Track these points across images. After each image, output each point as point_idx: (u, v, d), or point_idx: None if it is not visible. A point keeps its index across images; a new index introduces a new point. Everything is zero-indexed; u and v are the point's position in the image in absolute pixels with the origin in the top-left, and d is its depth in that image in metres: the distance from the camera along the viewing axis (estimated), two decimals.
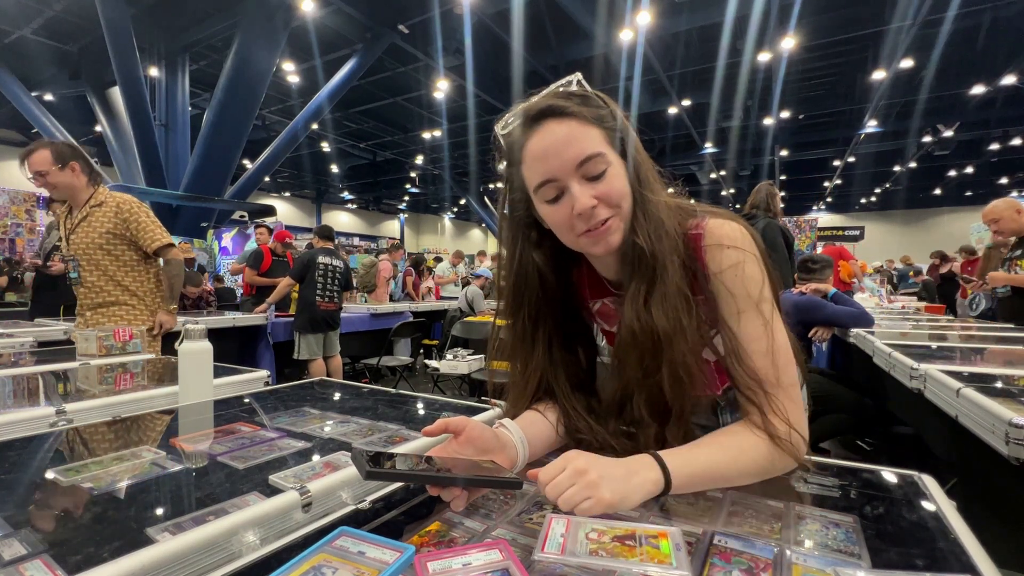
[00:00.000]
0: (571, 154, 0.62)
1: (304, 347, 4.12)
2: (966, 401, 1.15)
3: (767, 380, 0.64)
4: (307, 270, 4.15)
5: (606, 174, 0.64)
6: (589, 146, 0.63)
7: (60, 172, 2.12)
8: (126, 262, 2.22)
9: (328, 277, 4.20)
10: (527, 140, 0.65)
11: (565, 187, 0.64)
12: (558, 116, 0.64)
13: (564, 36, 8.21)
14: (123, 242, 2.20)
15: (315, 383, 1.34)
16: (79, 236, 2.17)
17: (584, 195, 0.63)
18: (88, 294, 2.19)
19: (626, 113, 0.70)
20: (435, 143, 13.55)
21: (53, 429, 0.94)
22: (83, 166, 2.19)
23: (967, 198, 19.74)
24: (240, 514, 0.55)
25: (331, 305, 4.22)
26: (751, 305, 0.66)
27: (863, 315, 2.67)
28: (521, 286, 0.74)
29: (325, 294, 4.17)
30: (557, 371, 0.76)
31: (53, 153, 2.10)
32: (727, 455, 0.62)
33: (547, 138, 0.63)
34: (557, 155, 0.63)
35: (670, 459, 0.59)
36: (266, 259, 5.15)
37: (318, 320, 4.14)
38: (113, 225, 2.17)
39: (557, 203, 0.65)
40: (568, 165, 0.63)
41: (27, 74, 9.01)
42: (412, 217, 25.30)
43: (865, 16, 7.38)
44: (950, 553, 0.49)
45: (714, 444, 0.63)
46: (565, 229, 0.66)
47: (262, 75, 7.16)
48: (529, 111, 0.65)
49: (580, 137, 0.63)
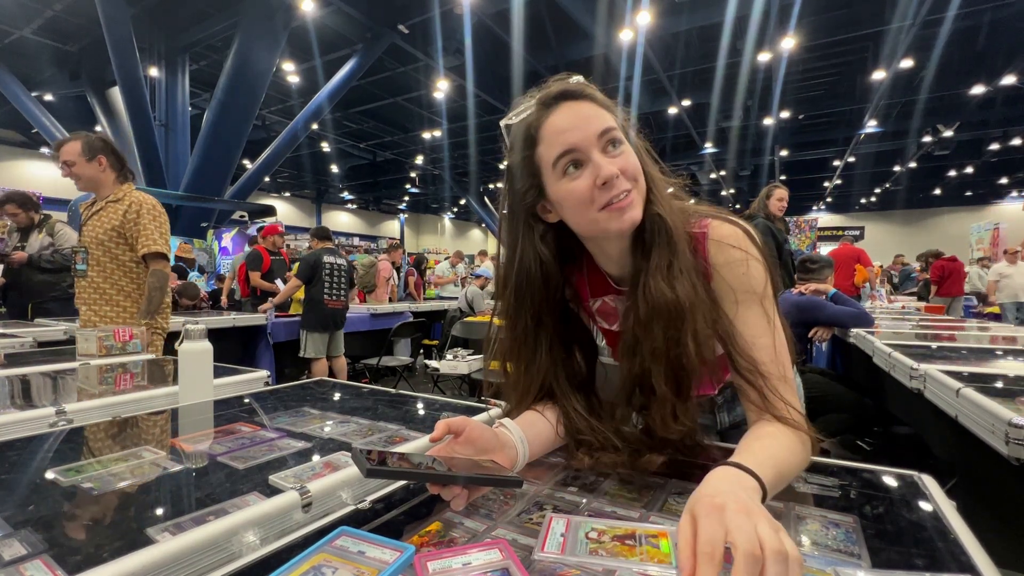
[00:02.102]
0: (593, 127, 0.64)
1: (310, 345, 4.20)
2: (966, 401, 1.15)
3: (774, 374, 0.65)
4: (315, 270, 4.24)
5: (624, 149, 0.66)
6: (607, 121, 0.65)
7: (87, 164, 2.13)
8: (124, 263, 2.20)
9: (334, 276, 4.29)
10: (546, 119, 0.66)
11: (587, 159, 0.65)
12: (576, 98, 0.66)
13: (564, 36, 8.22)
14: (125, 242, 2.19)
15: (315, 383, 1.34)
16: (90, 228, 2.17)
17: (608, 163, 0.64)
18: (87, 288, 2.18)
19: (626, 110, 0.71)
20: (435, 143, 13.56)
21: (53, 429, 0.94)
22: (112, 161, 2.19)
23: (967, 198, 19.75)
24: (240, 514, 0.55)
25: (338, 303, 4.30)
26: (755, 300, 0.67)
27: (863, 315, 2.67)
28: (523, 284, 0.73)
29: (332, 292, 4.26)
30: (558, 371, 0.75)
31: (83, 145, 2.12)
32: (784, 452, 0.59)
33: (569, 113, 0.66)
34: (579, 127, 0.64)
35: (751, 464, 0.53)
36: (265, 260, 5.17)
37: (326, 318, 4.23)
38: (119, 223, 2.16)
39: (577, 177, 0.65)
40: (591, 136, 0.64)
41: (27, 74, 9.02)
42: (412, 217, 25.31)
43: (865, 16, 7.39)
44: (950, 553, 0.49)
45: (768, 443, 0.60)
46: (584, 203, 0.65)
47: (262, 75, 7.17)
48: (547, 95, 0.67)
49: (598, 114, 0.66)
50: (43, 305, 3.52)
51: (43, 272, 3.53)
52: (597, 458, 0.70)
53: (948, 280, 6.89)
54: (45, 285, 3.56)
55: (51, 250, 3.59)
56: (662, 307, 0.65)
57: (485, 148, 13.56)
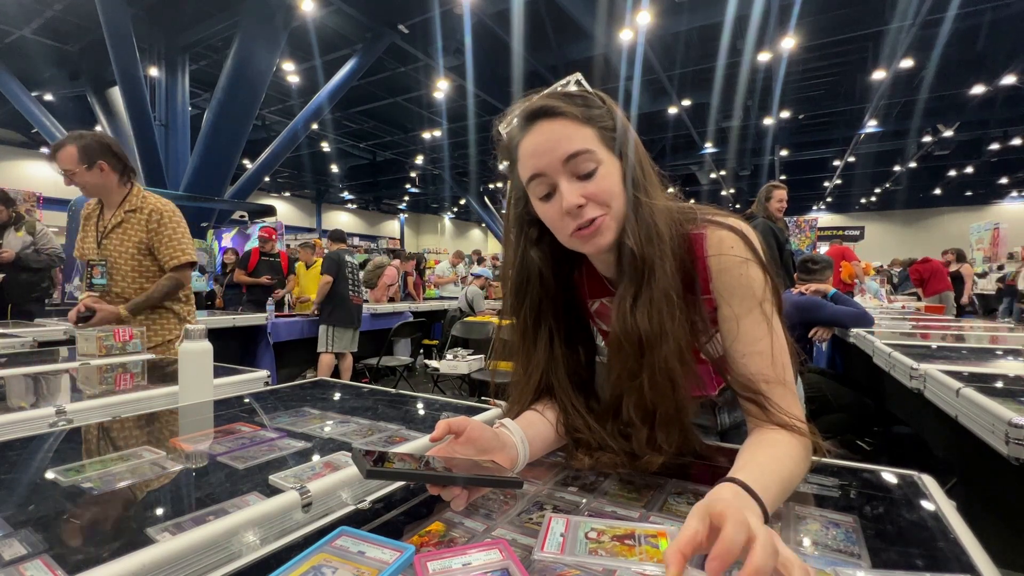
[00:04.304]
0: (560, 151, 0.63)
1: (338, 340, 4.40)
2: (966, 401, 1.15)
3: (772, 379, 0.64)
4: (340, 267, 4.45)
5: (596, 173, 0.64)
6: (578, 144, 0.63)
7: (88, 172, 2.00)
8: (155, 274, 2.14)
9: (354, 274, 4.56)
10: (522, 139, 0.66)
11: (555, 184, 0.65)
12: (550, 116, 0.65)
13: (564, 36, 8.21)
14: (150, 254, 2.11)
15: (315, 383, 1.34)
16: (112, 242, 2.08)
17: (572, 193, 0.63)
18: (113, 302, 2.07)
19: (627, 114, 0.70)
20: (435, 143, 13.56)
21: (53, 429, 0.94)
22: (113, 164, 2.06)
23: (967, 198, 19.75)
24: (240, 514, 0.55)
25: (358, 299, 4.57)
26: (754, 304, 0.66)
27: (863, 315, 2.67)
28: (523, 283, 0.75)
29: (355, 289, 4.51)
30: (558, 367, 0.76)
31: (80, 151, 1.98)
32: (787, 463, 0.58)
33: (539, 136, 0.65)
34: (546, 152, 0.64)
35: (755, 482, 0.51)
36: (252, 259, 5.57)
37: (352, 314, 4.47)
38: (145, 236, 2.08)
39: (549, 201, 0.66)
40: (556, 162, 0.64)
41: (27, 74, 9.01)
42: (412, 217, 25.31)
43: (865, 16, 7.38)
44: (950, 553, 0.49)
45: (771, 453, 0.59)
46: (557, 227, 0.67)
47: (262, 75, 7.16)
48: (525, 112, 0.67)
49: (570, 135, 0.64)
50: (23, 307, 3.49)
51: (27, 272, 3.50)
52: (597, 458, 0.70)
53: (930, 280, 7.07)
54: (27, 286, 3.53)
55: (32, 249, 3.56)
56: (621, 339, 0.66)
57: (485, 148, 13.43)
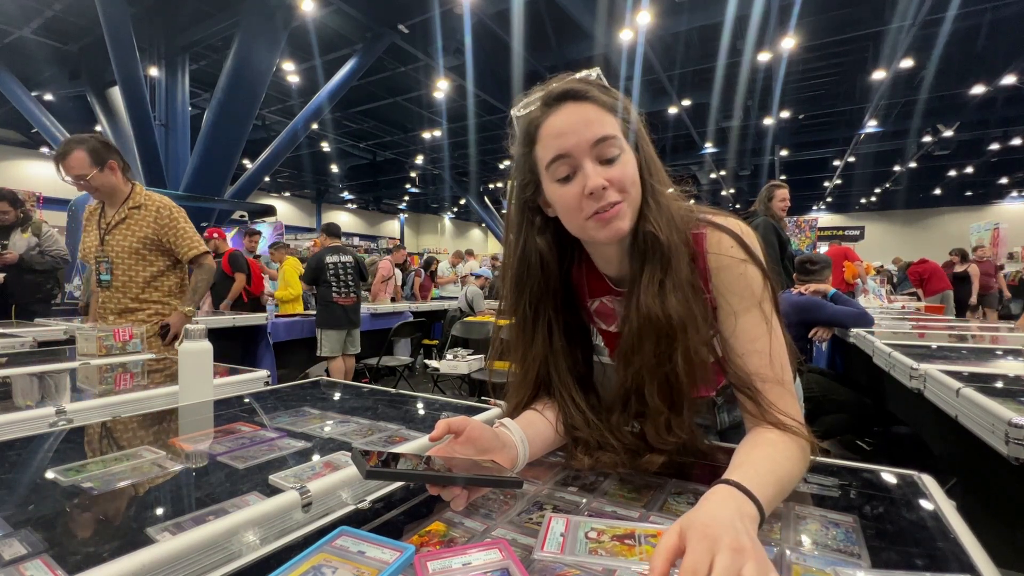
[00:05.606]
0: (588, 133, 0.63)
1: (327, 343, 4.33)
2: (966, 401, 1.15)
3: (769, 378, 0.65)
4: (318, 273, 4.35)
5: (619, 159, 0.65)
6: (608, 128, 0.64)
7: (101, 174, 2.02)
8: (159, 267, 2.16)
9: (340, 273, 4.40)
10: (545, 119, 0.66)
11: (578, 166, 0.64)
12: (578, 99, 0.65)
13: (564, 36, 8.22)
14: (158, 248, 2.14)
15: (315, 383, 1.34)
16: (116, 239, 2.09)
17: (596, 174, 0.63)
18: (114, 296, 2.12)
19: (640, 112, 0.71)
20: (435, 143, 13.56)
21: (53, 429, 0.94)
22: (118, 160, 2.08)
23: (967, 198, 19.75)
24: (240, 514, 0.55)
25: (349, 300, 4.40)
26: (753, 304, 0.67)
27: (863, 315, 2.67)
28: (523, 273, 0.74)
29: (340, 290, 4.37)
30: (557, 360, 0.75)
31: (90, 155, 1.99)
32: (784, 462, 0.58)
33: (566, 117, 0.64)
34: (575, 132, 0.63)
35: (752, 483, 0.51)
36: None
37: (338, 316, 4.35)
38: (152, 231, 2.09)
39: (568, 182, 0.65)
40: (584, 143, 0.63)
41: (27, 74, 9.01)
42: (412, 217, 25.30)
43: (865, 16, 7.39)
44: (950, 553, 0.49)
45: (768, 452, 0.59)
46: (573, 210, 0.66)
47: (262, 75, 7.16)
48: (550, 93, 0.66)
49: (598, 119, 0.64)
50: (28, 307, 3.49)
51: (31, 273, 3.50)
52: (596, 458, 0.70)
53: (929, 280, 7.15)
54: (31, 286, 3.53)
55: (37, 250, 3.56)
56: (652, 325, 0.65)
57: (485, 148, 13.56)
